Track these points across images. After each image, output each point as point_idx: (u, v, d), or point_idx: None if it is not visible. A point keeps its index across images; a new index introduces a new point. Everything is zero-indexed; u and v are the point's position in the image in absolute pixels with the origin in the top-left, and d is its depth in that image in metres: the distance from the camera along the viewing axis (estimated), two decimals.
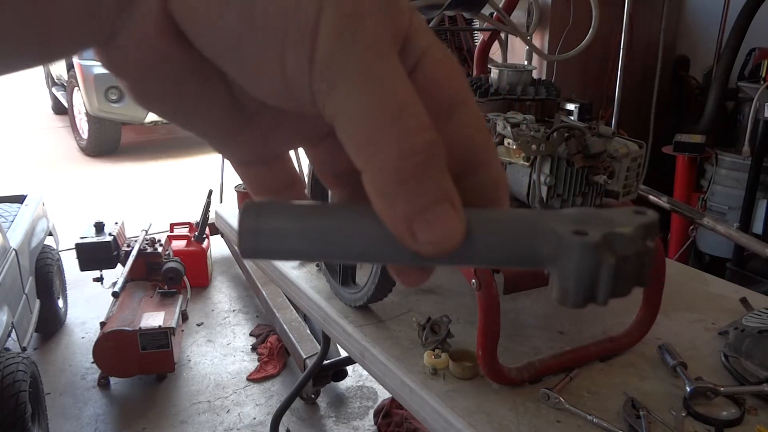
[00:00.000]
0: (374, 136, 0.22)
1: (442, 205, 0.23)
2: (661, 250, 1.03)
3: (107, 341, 2.56)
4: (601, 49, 3.01)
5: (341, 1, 0.22)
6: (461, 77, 0.26)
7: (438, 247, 0.23)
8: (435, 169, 0.22)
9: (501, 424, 0.89)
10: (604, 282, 0.23)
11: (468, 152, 0.26)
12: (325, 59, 0.21)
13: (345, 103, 0.22)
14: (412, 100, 0.22)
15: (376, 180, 0.22)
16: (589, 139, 0.91)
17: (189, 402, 2.66)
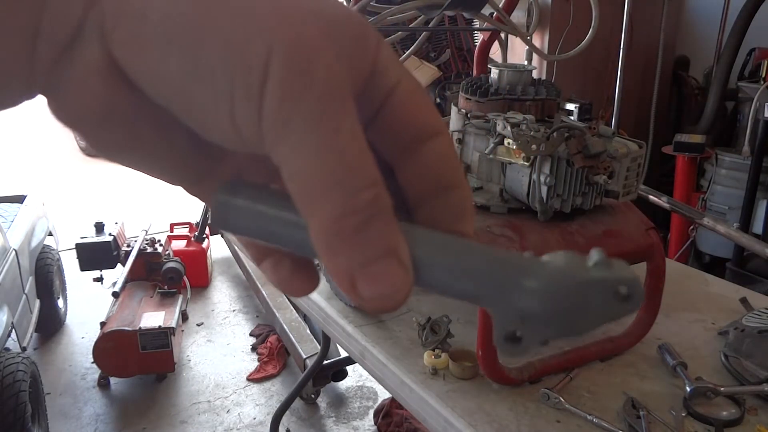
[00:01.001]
0: (316, 193, 0.22)
1: (387, 260, 0.22)
2: (662, 249, 1.03)
3: (107, 341, 2.56)
4: (601, 49, 3.01)
5: (291, 53, 0.21)
6: (432, 108, 0.26)
7: (382, 303, 0.23)
8: (379, 224, 0.22)
9: (501, 424, 0.89)
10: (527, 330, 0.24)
11: (439, 176, 0.26)
12: (272, 113, 0.21)
13: (289, 158, 0.22)
14: (359, 158, 0.22)
15: (319, 234, 0.22)
16: (589, 139, 0.91)
17: (189, 402, 2.66)
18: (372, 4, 1.66)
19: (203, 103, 0.22)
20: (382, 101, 0.25)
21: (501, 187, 1.00)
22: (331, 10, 0.23)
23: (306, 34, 0.22)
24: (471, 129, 1.03)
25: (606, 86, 3.13)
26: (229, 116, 0.22)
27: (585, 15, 2.34)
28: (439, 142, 0.26)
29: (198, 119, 0.23)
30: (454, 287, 0.24)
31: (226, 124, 0.22)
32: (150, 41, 0.21)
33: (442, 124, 0.26)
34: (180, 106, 0.23)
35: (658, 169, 3.55)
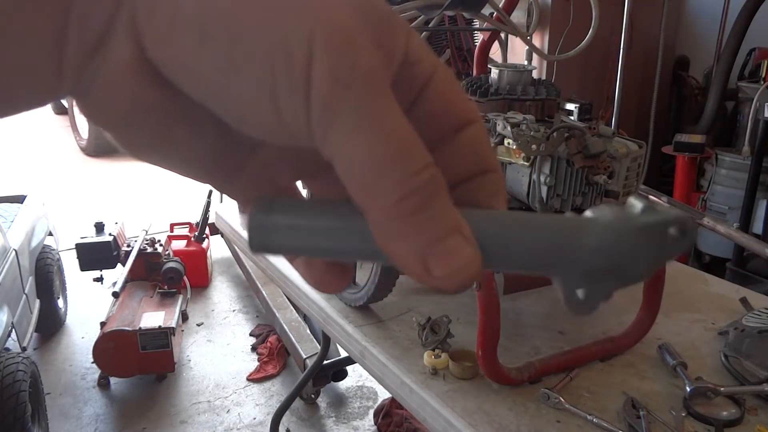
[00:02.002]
0: (375, 180, 0.22)
1: (453, 237, 0.23)
2: None
3: (107, 341, 2.56)
4: (601, 49, 3.01)
5: (332, 38, 0.21)
6: (466, 97, 0.27)
7: (458, 279, 0.23)
8: (439, 202, 0.22)
9: (501, 424, 0.89)
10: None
11: (476, 161, 0.26)
12: (321, 100, 0.21)
13: (344, 146, 0.22)
14: (410, 139, 0.22)
15: (381, 222, 0.22)
16: (589, 139, 0.91)
17: (189, 402, 2.66)
18: None
19: (243, 96, 0.21)
20: (419, 91, 0.25)
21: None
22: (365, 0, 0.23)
23: (343, 19, 0.21)
24: None
25: (606, 86, 3.13)
26: (272, 108, 0.21)
27: (585, 15, 2.34)
28: (475, 129, 0.26)
29: (238, 113, 0.22)
30: (519, 262, 0.24)
31: (269, 117, 0.22)
32: (184, 34, 0.21)
33: (477, 112, 0.27)
34: (218, 101, 0.22)
35: (658, 169, 3.55)
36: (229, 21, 0.21)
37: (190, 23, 0.21)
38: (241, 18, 0.21)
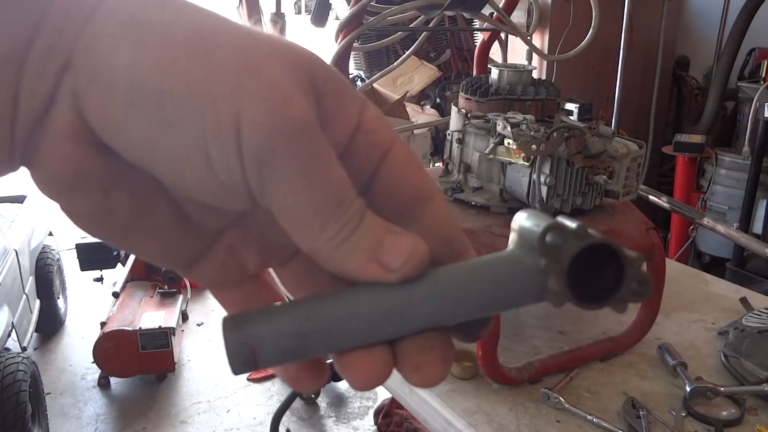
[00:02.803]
0: (316, 224, 0.23)
1: (389, 235, 0.25)
2: (662, 249, 1.03)
3: (107, 341, 2.56)
4: (601, 49, 3.00)
5: (262, 92, 0.22)
6: (424, 172, 0.27)
7: (413, 261, 0.24)
8: (368, 218, 0.24)
9: (501, 424, 0.89)
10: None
11: (443, 243, 0.27)
12: (254, 152, 0.22)
13: (283, 196, 0.23)
14: (341, 180, 0.24)
15: (328, 253, 0.24)
16: (589, 139, 0.91)
17: (189, 402, 2.66)
18: (372, 4, 1.66)
19: (176, 154, 0.22)
20: (377, 163, 0.26)
21: (501, 187, 1.00)
22: (295, 56, 0.24)
23: (273, 75, 0.22)
24: (471, 129, 1.03)
25: (606, 86, 3.13)
26: (205, 163, 0.22)
27: (585, 15, 2.34)
28: (437, 207, 0.27)
29: (174, 173, 0.23)
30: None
31: (203, 173, 0.22)
32: (116, 98, 0.21)
33: (435, 188, 0.28)
34: (153, 161, 0.23)
35: (658, 169, 3.55)
36: (157, 83, 0.21)
37: (121, 87, 0.21)
38: (168, 79, 0.21)
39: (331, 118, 0.25)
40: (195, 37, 0.22)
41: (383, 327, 0.25)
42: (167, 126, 0.22)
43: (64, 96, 0.22)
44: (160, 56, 0.21)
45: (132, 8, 0.22)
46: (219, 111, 0.21)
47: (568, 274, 0.24)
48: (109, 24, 0.22)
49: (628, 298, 0.25)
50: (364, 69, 3.57)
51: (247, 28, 0.24)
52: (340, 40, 1.59)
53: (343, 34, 1.59)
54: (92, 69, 0.22)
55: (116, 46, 0.21)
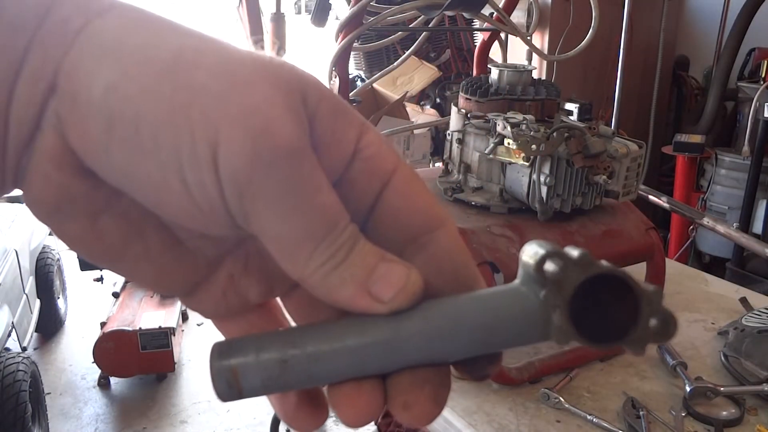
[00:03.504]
0: (305, 253, 0.23)
1: (382, 264, 0.24)
2: (662, 249, 1.03)
3: (107, 341, 2.56)
4: (601, 49, 3.00)
5: (240, 116, 0.21)
6: (431, 199, 0.26)
7: (404, 293, 0.23)
8: (360, 245, 0.23)
9: (501, 424, 0.89)
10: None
11: (452, 273, 0.26)
12: (236, 178, 0.21)
13: (270, 224, 0.22)
14: (332, 207, 0.23)
15: (318, 282, 0.23)
16: (589, 139, 0.91)
17: (189, 402, 2.66)
18: (372, 4, 1.66)
19: (153, 178, 0.22)
20: (380, 189, 0.25)
21: (501, 187, 1.00)
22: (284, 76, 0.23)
23: (254, 97, 0.22)
24: (471, 129, 1.03)
25: (606, 86, 3.13)
26: (182, 187, 0.22)
27: (585, 15, 2.34)
28: (445, 234, 0.26)
29: (153, 197, 0.23)
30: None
31: (181, 197, 0.22)
32: (94, 122, 0.21)
33: (445, 214, 0.26)
34: (133, 186, 0.23)
35: (658, 169, 3.55)
36: (134, 106, 0.21)
37: (99, 111, 0.21)
38: (145, 103, 0.21)
39: (326, 142, 0.24)
40: (176, 59, 0.22)
41: (371, 361, 0.24)
42: (143, 151, 0.21)
43: (50, 120, 0.22)
44: (138, 79, 0.21)
45: (115, 31, 0.22)
46: (195, 136, 0.21)
47: (570, 307, 0.22)
48: (90, 47, 0.22)
49: (648, 338, 0.22)
50: (364, 69, 3.57)
51: (233, 49, 0.23)
52: (340, 40, 1.59)
53: (343, 34, 1.59)
54: (73, 93, 0.21)
55: (95, 70, 0.21)
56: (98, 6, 0.22)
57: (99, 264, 0.25)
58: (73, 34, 0.22)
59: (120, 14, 0.23)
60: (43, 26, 0.22)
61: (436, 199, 0.26)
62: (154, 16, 0.23)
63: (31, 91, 0.22)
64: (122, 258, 0.25)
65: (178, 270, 0.26)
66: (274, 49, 2.74)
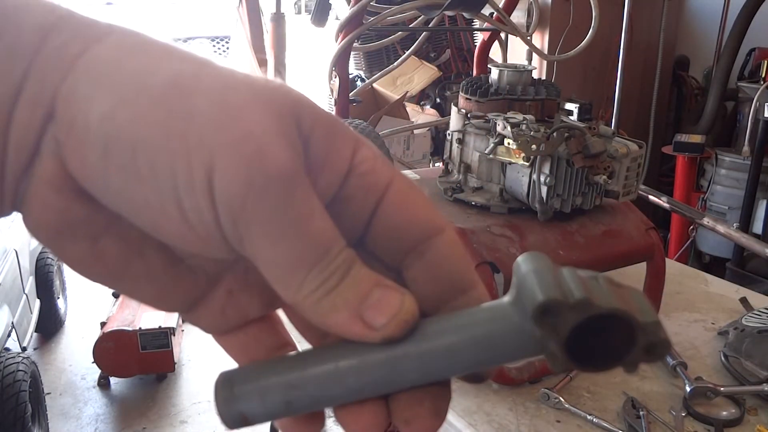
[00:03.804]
0: (298, 278, 0.23)
1: (377, 290, 0.24)
2: (662, 249, 1.03)
3: (107, 341, 2.56)
4: (601, 49, 3.00)
5: (235, 144, 0.21)
6: (429, 205, 0.26)
7: (397, 320, 0.23)
8: (355, 269, 0.23)
9: (501, 424, 0.89)
10: None
11: (450, 279, 0.26)
12: (230, 204, 0.21)
13: (263, 250, 0.22)
14: (326, 233, 0.23)
15: (311, 306, 0.23)
16: (589, 139, 0.91)
17: (189, 402, 2.66)
18: (372, 4, 1.66)
19: (150, 203, 0.22)
20: (375, 202, 0.25)
21: (501, 187, 1.00)
22: (279, 100, 0.23)
23: (252, 125, 0.22)
24: (471, 129, 1.03)
25: (606, 86, 3.13)
26: (178, 212, 0.22)
27: (585, 15, 2.34)
28: (443, 241, 0.26)
29: (150, 221, 0.23)
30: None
31: (177, 222, 0.22)
32: (91, 147, 0.21)
33: (444, 221, 0.26)
34: (130, 210, 0.23)
35: (658, 169, 3.55)
36: (130, 132, 0.21)
37: (95, 136, 0.21)
38: (141, 128, 0.21)
39: (320, 163, 0.24)
40: (172, 84, 0.22)
41: (370, 389, 0.24)
42: (140, 176, 0.21)
43: (48, 145, 0.22)
44: (135, 105, 0.21)
45: (113, 57, 0.22)
46: (191, 162, 0.21)
47: (566, 344, 0.22)
48: (88, 73, 0.22)
49: (640, 360, 0.23)
50: (364, 69, 3.57)
51: (230, 74, 0.23)
52: (340, 40, 1.59)
53: (343, 34, 1.59)
54: (70, 118, 0.22)
55: (92, 96, 0.21)
56: (97, 31, 0.23)
57: (99, 283, 0.25)
58: (71, 60, 0.22)
59: (118, 40, 0.23)
60: (41, 52, 0.22)
61: (434, 207, 0.26)
62: (152, 41, 0.23)
63: (29, 116, 0.22)
64: (123, 278, 0.25)
65: (178, 288, 0.26)
66: (273, 52, 2.74)
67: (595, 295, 0.22)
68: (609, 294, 0.23)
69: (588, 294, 0.22)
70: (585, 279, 0.23)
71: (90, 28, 0.23)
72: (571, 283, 0.22)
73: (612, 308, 0.22)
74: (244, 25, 3.18)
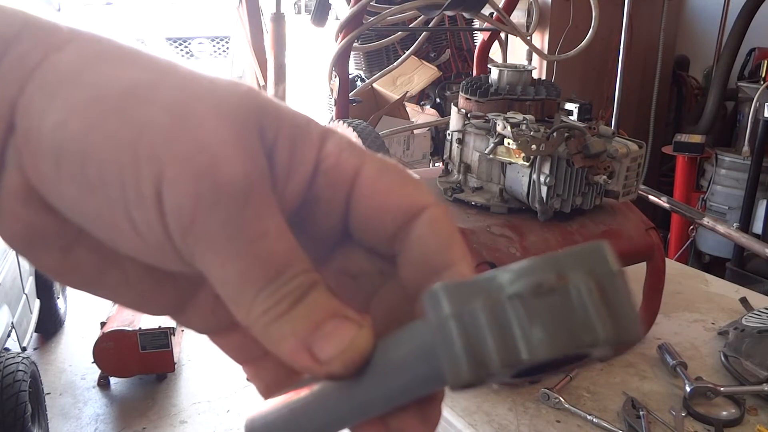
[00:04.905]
0: (248, 299, 0.21)
1: (332, 320, 0.22)
2: (662, 249, 1.03)
3: (107, 341, 2.56)
4: (601, 49, 3.00)
5: (186, 153, 0.20)
6: (408, 185, 0.24)
7: (344, 356, 0.22)
8: (313, 296, 0.22)
9: (501, 424, 0.89)
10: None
11: (430, 259, 0.24)
12: (180, 217, 0.21)
13: (213, 267, 0.21)
14: (282, 252, 0.22)
15: (260, 330, 0.22)
16: (589, 139, 0.91)
17: (189, 402, 2.66)
18: (372, 4, 1.66)
19: (103, 214, 0.22)
20: (346, 195, 0.24)
21: (501, 187, 1.00)
22: (242, 109, 0.22)
23: (203, 133, 0.21)
24: (471, 129, 1.03)
25: (606, 86, 3.13)
26: (129, 224, 0.21)
27: (585, 15, 2.34)
28: (422, 221, 0.24)
29: (105, 232, 0.22)
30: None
31: (129, 234, 0.22)
32: (44, 158, 0.21)
33: (426, 198, 0.24)
34: (85, 221, 0.22)
35: (658, 169, 3.55)
36: (81, 143, 0.21)
37: (48, 147, 0.21)
38: (92, 139, 0.21)
39: (286, 171, 0.23)
40: (128, 94, 0.21)
41: (348, 418, 0.23)
42: (91, 187, 0.21)
43: (11, 158, 0.22)
44: (88, 114, 0.21)
45: (72, 65, 0.22)
46: (140, 173, 0.20)
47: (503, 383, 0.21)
48: (45, 83, 0.21)
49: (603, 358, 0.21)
50: (364, 69, 3.57)
51: (193, 80, 0.22)
52: (340, 40, 1.59)
53: (343, 34, 1.59)
54: (26, 129, 0.21)
55: (47, 106, 0.21)
56: (58, 39, 0.22)
57: (79, 290, 0.25)
58: (29, 70, 0.21)
59: (80, 47, 0.22)
60: (2, 63, 0.21)
61: (416, 185, 0.24)
62: (115, 48, 0.22)
63: None
64: (101, 286, 0.25)
65: (159, 293, 0.26)
66: (273, 52, 2.74)
67: (526, 336, 0.19)
68: (551, 321, 0.19)
69: (508, 351, 0.19)
70: (513, 312, 0.19)
71: (51, 35, 0.22)
72: (490, 337, 0.19)
73: (544, 358, 0.19)
74: (244, 25, 3.18)
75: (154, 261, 0.23)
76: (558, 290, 0.19)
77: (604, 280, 0.19)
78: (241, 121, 0.22)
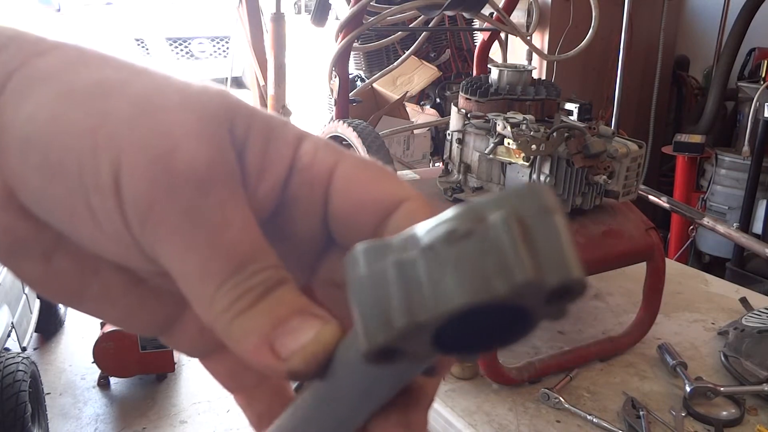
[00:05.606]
0: (208, 294, 0.21)
1: (300, 316, 0.21)
2: (662, 249, 1.03)
3: (107, 341, 2.56)
4: (601, 49, 3.01)
5: (145, 140, 0.20)
6: (385, 180, 0.24)
7: (304, 354, 0.20)
8: (279, 292, 0.21)
9: (501, 424, 0.89)
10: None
11: None
12: (137, 206, 0.20)
13: (173, 260, 0.21)
14: (245, 245, 0.21)
15: (221, 327, 0.21)
16: (589, 139, 0.91)
17: (189, 402, 2.66)
18: (372, 4, 1.66)
19: (64, 205, 0.21)
20: (322, 196, 0.24)
21: (501, 187, 1.00)
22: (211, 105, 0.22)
23: (165, 123, 0.21)
24: (471, 129, 1.03)
25: (606, 86, 3.13)
26: (89, 214, 0.21)
27: (585, 15, 2.34)
28: (400, 214, 0.23)
29: (69, 226, 0.22)
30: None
31: (89, 225, 0.21)
32: (13, 149, 0.21)
33: (406, 191, 0.23)
34: (49, 215, 0.22)
35: (657, 169, 3.55)
36: (45, 131, 0.21)
37: (17, 139, 0.21)
38: (56, 127, 0.21)
39: (258, 168, 0.23)
40: (97, 86, 0.21)
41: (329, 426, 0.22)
42: (53, 175, 0.21)
43: None
44: (53, 107, 0.21)
45: (51, 68, 0.22)
46: (98, 159, 0.20)
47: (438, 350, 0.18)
48: (23, 83, 0.21)
49: (551, 316, 0.19)
50: (364, 69, 3.57)
51: (165, 79, 0.22)
52: (340, 40, 1.59)
53: (343, 34, 1.59)
54: (1, 129, 0.21)
55: (21, 104, 0.21)
56: (41, 47, 0.22)
57: (64, 305, 0.25)
58: (10, 71, 0.21)
59: (61, 53, 0.22)
60: None
61: (394, 179, 0.24)
62: (97, 54, 0.22)
63: None
64: (83, 299, 0.24)
65: (144, 310, 0.25)
66: (273, 52, 2.74)
67: (435, 289, 0.17)
68: (462, 268, 0.16)
69: (412, 306, 0.17)
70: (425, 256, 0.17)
71: (36, 45, 0.22)
72: (396, 294, 0.17)
73: (453, 309, 0.16)
74: (244, 25, 3.18)
75: (116, 256, 0.23)
76: (474, 234, 0.17)
77: (530, 219, 0.17)
78: (209, 114, 0.22)
